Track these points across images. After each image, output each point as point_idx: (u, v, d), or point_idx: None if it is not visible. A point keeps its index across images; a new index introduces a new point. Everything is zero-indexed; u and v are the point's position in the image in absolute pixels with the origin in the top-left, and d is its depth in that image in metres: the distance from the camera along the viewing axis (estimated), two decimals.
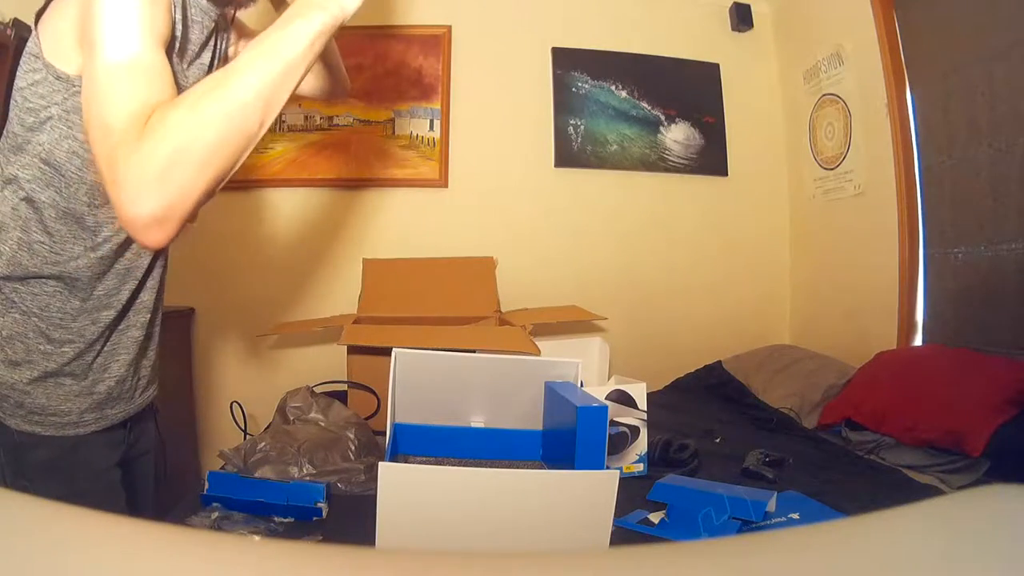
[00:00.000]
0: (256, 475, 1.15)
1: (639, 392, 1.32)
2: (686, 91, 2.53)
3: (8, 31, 1.55)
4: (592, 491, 0.76)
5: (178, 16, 0.78)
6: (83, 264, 0.83)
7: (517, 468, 0.98)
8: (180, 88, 0.69)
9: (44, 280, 0.82)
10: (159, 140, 0.58)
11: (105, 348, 0.89)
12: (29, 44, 0.77)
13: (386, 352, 0.99)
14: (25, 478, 0.82)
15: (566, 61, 2.45)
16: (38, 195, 0.79)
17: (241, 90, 0.61)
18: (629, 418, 1.31)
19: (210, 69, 0.88)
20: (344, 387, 1.66)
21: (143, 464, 1.05)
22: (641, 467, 1.31)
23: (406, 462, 0.98)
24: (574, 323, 2.28)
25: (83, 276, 0.84)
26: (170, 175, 0.58)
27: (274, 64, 0.62)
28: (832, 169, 2.30)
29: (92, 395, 0.87)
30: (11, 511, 0.27)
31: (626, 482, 0.98)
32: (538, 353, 1.42)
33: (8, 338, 0.81)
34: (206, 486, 1.11)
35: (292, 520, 1.07)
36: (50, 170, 0.78)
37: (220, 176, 0.61)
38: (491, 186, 2.42)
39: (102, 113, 0.60)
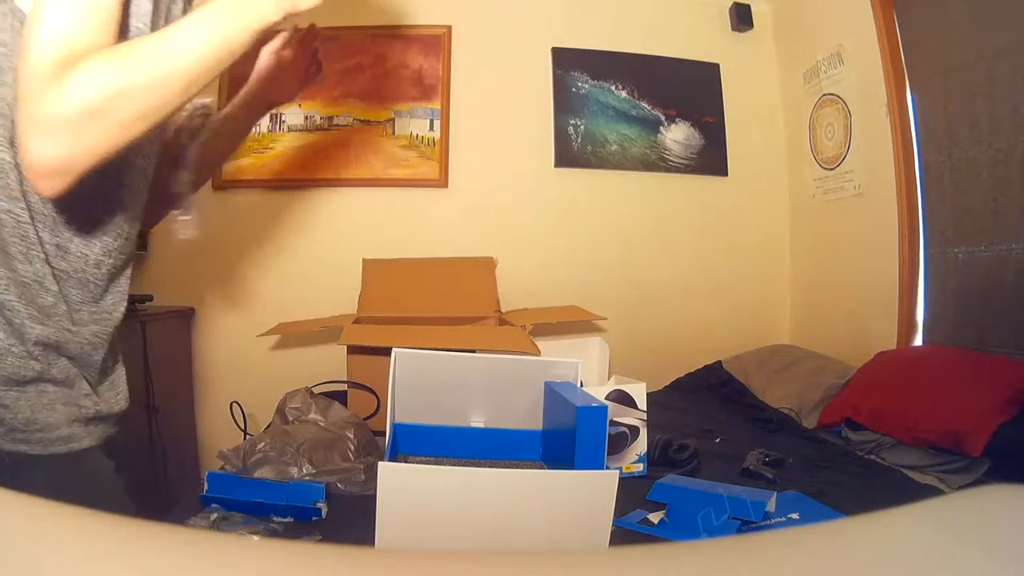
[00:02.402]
0: (255, 475, 1.15)
1: (639, 392, 1.32)
2: (686, 91, 2.53)
3: None
4: (592, 491, 0.76)
5: None
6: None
7: (517, 468, 0.98)
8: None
9: None
10: (87, 87, 0.55)
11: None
12: None
13: (386, 352, 0.99)
14: None
15: (566, 61, 2.45)
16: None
17: (181, 61, 0.59)
18: (629, 418, 1.31)
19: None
20: (344, 387, 1.66)
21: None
22: (641, 467, 1.31)
23: (406, 462, 0.98)
24: (574, 323, 2.28)
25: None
26: (87, 126, 0.55)
27: (217, 43, 0.61)
28: (832, 169, 2.30)
29: (79, 407, 0.74)
30: (11, 511, 0.27)
31: (626, 482, 0.98)
32: (538, 353, 1.42)
33: None
34: (205, 486, 1.11)
35: (291, 520, 1.07)
36: None
37: (130, 140, 0.59)
38: (491, 186, 2.42)
39: (35, 43, 0.56)
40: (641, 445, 1.32)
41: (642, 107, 2.50)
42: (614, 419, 1.27)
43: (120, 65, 0.57)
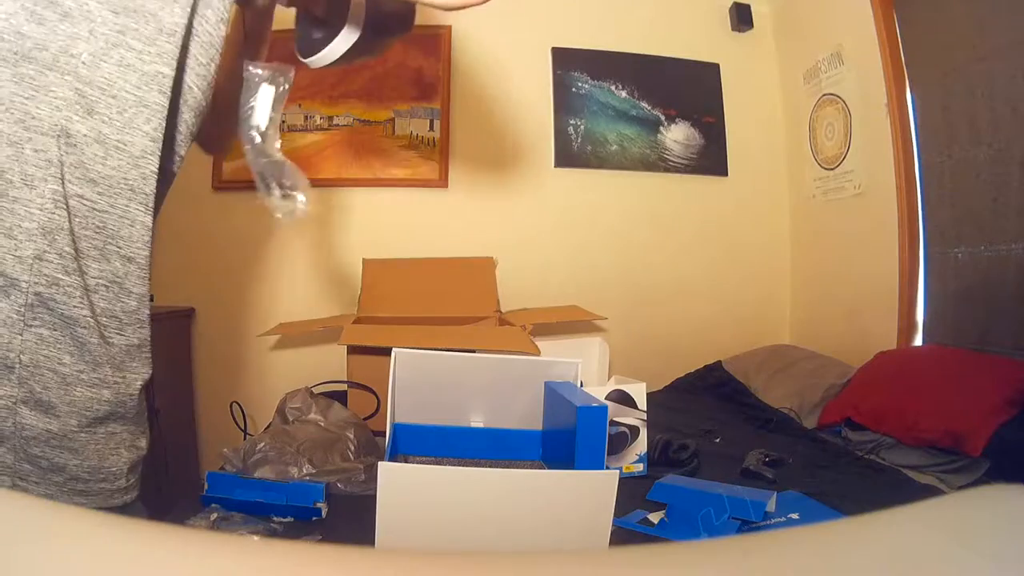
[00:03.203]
0: (255, 475, 1.15)
1: (639, 392, 1.32)
2: (686, 91, 2.53)
3: None
4: (592, 491, 0.76)
5: None
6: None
7: (517, 468, 0.98)
8: None
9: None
10: None
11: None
12: None
13: (386, 352, 0.99)
14: None
15: (566, 61, 2.45)
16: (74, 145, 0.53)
17: None
18: (629, 418, 1.31)
19: None
20: (344, 387, 1.66)
21: None
22: (641, 467, 1.31)
23: (406, 462, 0.98)
24: (574, 323, 2.28)
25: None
26: None
27: None
28: (832, 169, 2.30)
29: (138, 448, 0.62)
30: (11, 511, 0.27)
31: (626, 482, 0.98)
32: (538, 353, 1.42)
33: (33, 367, 0.53)
34: (205, 486, 1.11)
35: (291, 520, 1.07)
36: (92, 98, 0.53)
37: None
38: (491, 186, 2.42)
39: None
40: (641, 445, 1.32)
41: (642, 107, 2.50)
42: (614, 419, 1.27)
43: None
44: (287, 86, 0.66)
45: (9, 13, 0.50)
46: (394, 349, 0.97)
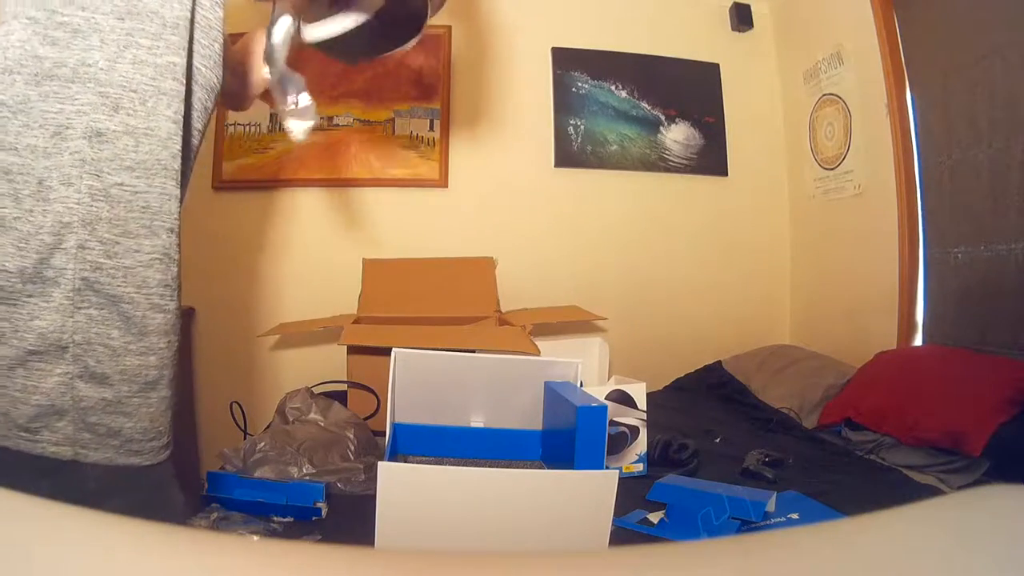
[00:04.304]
0: (256, 475, 1.15)
1: (639, 392, 1.32)
2: (686, 91, 2.53)
3: None
4: (592, 491, 0.76)
5: None
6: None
7: (517, 468, 0.98)
8: None
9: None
10: None
11: None
12: None
13: (386, 352, 0.99)
14: None
15: (566, 61, 2.45)
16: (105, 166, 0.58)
17: None
18: (629, 418, 1.31)
19: None
20: (344, 387, 1.66)
21: None
22: (641, 467, 1.31)
23: (406, 462, 0.98)
24: (574, 323, 2.27)
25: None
26: None
27: None
28: (832, 169, 2.30)
29: (173, 410, 0.69)
30: (11, 511, 0.27)
31: (626, 482, 0.98)
32: (538, 353, 1.42)
33: (86, 344, 0.59)
34: (205, 486, 1.11)
35: (291, 520, 1.07)
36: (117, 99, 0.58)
37: None
38: (491, 186, 2.42)
39: None
40: (641, 445, 1.32)
41: (642, 107, 2.50)
42: (614, 419, 1.27)
43: None
44: (298, 24, 0.76)
45: (23, 40, 0.56)
46: (394, 349, 0.97)
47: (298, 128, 0.77)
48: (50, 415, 0.58)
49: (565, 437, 0.91)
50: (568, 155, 2.44)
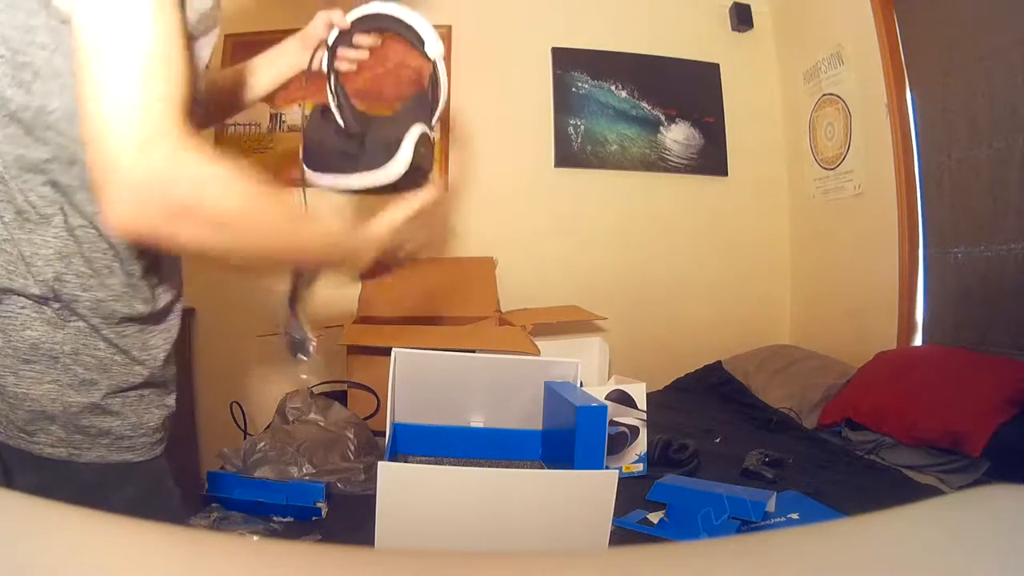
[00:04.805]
0: (256, 475, 1.15)
1: (639, 392, 1.32)
2: (686, 91, 2.53)
3: None
4: (591, 491, 0.76)
5: None
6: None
7: (517, 468, 0.98)
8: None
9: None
10: (179, 176, 0.52)
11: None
12: None
13: (386, 352, 0.99)
14: None
15: (566, 61, 2.45)
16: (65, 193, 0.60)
17: (253, 223, 0.60)
18: (629, 418, 1.31)
19: None
20: (344, 387, 1.66)
21: None
22: (641, 467, 1.31)
23: (405, 462, 0.98)
24: (574, 323, 2.27)
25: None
26: (183, 205, 0.53)
27: (287, 238, 0.65)
28: (832, 169, 2.30)
29: (167, 407, 0.72)
30: (11, 511, 0.27)
31: (626, 482, 0.99)
32: (538, 353, 1.43)
33: (73, 353, 0.62)
34: (205, 486, 1.11)
35: (291, 520, 1.07)
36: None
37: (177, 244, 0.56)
38: (491, 186, 2.42)
39: (113, 84, 0.50)
40: (641, 445, 1.32)
41: (642, 107, 2.50)
42: (614, 419, 1.27)
43: (217, 183, 0.55)
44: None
45: None
46: (394, 349, 0.97)
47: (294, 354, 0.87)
48: (42, 420, 0.61)
49: (565, 437, 0.91)
50: (568, 155, 2.44)
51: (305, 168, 0.83)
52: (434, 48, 0.85)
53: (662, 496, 1.14)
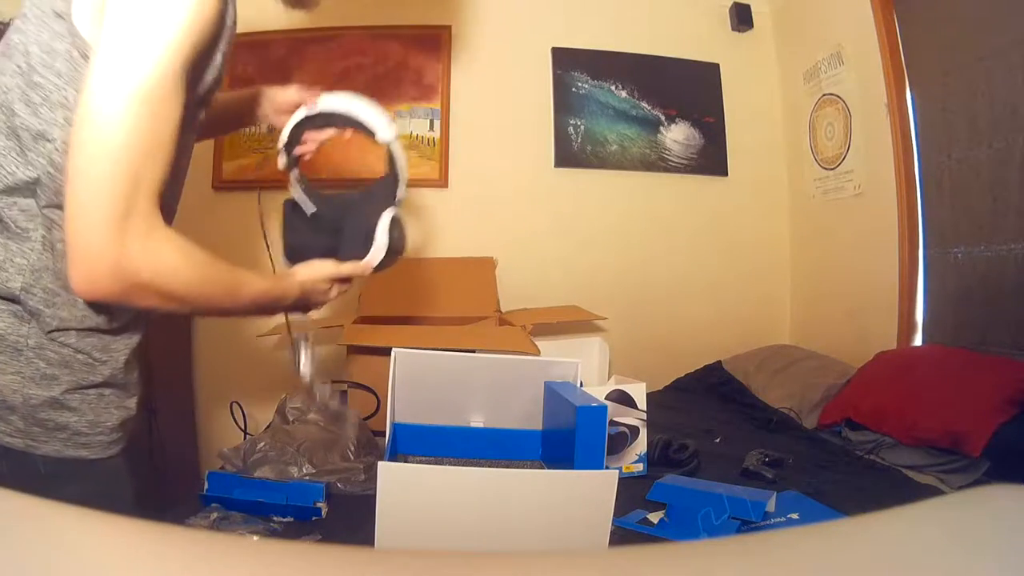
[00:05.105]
0: (255, 475, 1.15)
1: (639, 392, 1.32)
2: (686, 91, 2.53)
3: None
4: (591, 491, 0.76)
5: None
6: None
7: (517, 468, 0.98)
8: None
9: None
10: (143, 265, 0.57)
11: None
12: None
13: (386, 352, 0.99)
14: None
15: (566, 61, 2.45)
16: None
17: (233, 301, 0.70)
18: (629, 418, 1.31)
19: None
20: (344, 387, 1.66)
21: None
22: (641, 467, 1.31)
23: (405, 462, 0.98)
24: (574, 323, 2.27)
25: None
26: (142, 286, 0.58)
27: (227, 305, 0.71)
28: (832, 169, 2.30)
29: (127, 409, 0.75)
30: (11, 511, 0.27)
31: (626, 482, 0.99)
32: (538, 353, 1.43)
33: (37, 348, 0.64)
34: (205, 486, 1.11)
35: (291, 520, 1.07)
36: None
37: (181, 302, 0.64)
38: (491, 186, 2.42)
39: (103, 153, 0.53)
40: (641, 445, 1.31)
41: (642, 107, 2.50)
42: (614, 419, 1.27)
43: (186, 265, 0.61)
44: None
45: (8, 88, 0.60)
46: (394, 349, 0.97)
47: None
48: (3, 409, 0.63)
49: (565, 437, 0.91)
50: (568, 155, 2.44)
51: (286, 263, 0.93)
52: (385, 134, 0.89)
53: (662, 496, 1.14)
